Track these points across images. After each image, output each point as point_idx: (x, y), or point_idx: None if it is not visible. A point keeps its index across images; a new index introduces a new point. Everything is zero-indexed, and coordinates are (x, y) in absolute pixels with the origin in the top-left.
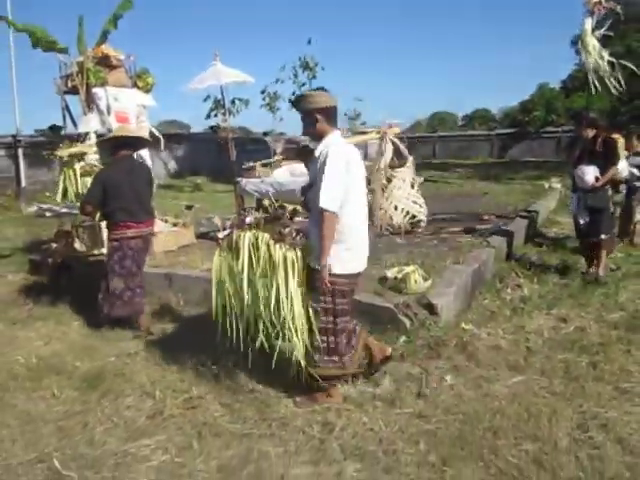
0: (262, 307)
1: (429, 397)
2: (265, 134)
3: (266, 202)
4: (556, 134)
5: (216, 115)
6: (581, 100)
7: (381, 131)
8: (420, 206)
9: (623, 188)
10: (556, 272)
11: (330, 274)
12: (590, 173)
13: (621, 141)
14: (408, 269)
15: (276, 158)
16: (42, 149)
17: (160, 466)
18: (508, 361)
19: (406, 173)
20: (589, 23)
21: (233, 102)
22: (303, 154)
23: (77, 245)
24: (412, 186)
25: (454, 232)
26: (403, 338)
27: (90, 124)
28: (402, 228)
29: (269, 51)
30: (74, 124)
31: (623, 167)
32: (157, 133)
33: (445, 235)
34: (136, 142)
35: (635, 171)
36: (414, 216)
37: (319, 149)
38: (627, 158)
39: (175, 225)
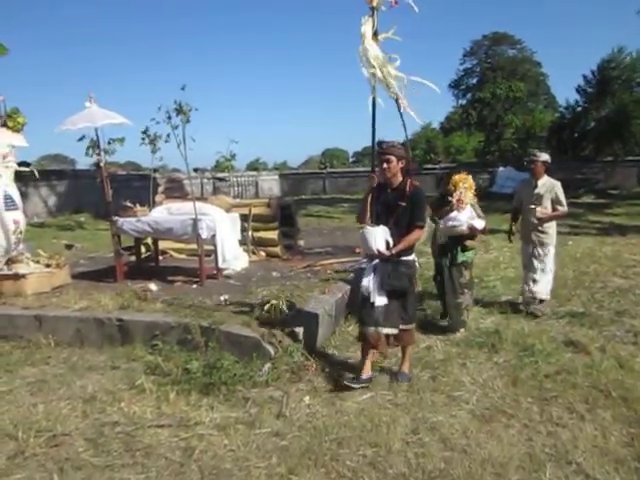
0: None
1: (287, 417)
2: (155, 170)
3: (149, 240)
4: (434, 170)
5: (91, 156)
6: (459, 139)
7: None
8: None
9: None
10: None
11: None
12: (378, 236)
13: (469, 182)
14: (275, 301)
15: (157, 197)
16: None
17: None
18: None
19: None
20: (369, 24)
21: (109, 143)
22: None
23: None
24: None
25: (325, 265)
26: (268, 365)
27: None
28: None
29: (151, 88)
30: None
31: (463, 219)
32: (34, 171)
33: (317, 268)
34: None
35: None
36: None
37: None
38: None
39: (48, 266)
